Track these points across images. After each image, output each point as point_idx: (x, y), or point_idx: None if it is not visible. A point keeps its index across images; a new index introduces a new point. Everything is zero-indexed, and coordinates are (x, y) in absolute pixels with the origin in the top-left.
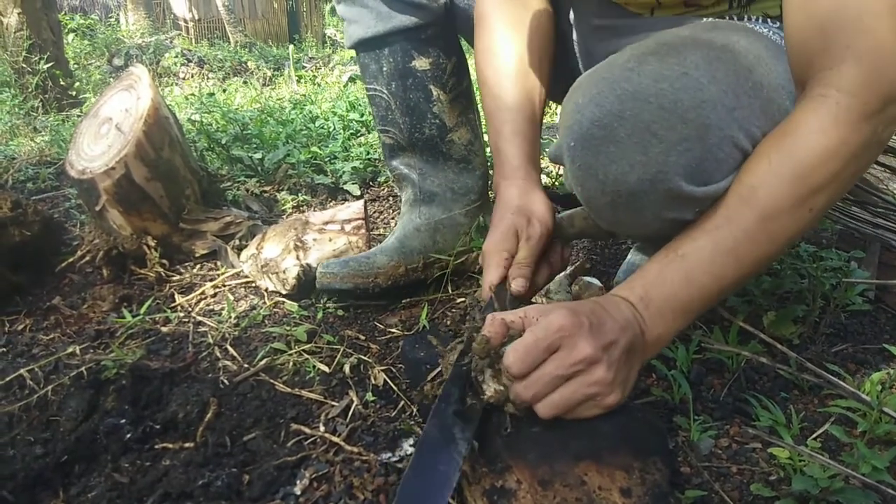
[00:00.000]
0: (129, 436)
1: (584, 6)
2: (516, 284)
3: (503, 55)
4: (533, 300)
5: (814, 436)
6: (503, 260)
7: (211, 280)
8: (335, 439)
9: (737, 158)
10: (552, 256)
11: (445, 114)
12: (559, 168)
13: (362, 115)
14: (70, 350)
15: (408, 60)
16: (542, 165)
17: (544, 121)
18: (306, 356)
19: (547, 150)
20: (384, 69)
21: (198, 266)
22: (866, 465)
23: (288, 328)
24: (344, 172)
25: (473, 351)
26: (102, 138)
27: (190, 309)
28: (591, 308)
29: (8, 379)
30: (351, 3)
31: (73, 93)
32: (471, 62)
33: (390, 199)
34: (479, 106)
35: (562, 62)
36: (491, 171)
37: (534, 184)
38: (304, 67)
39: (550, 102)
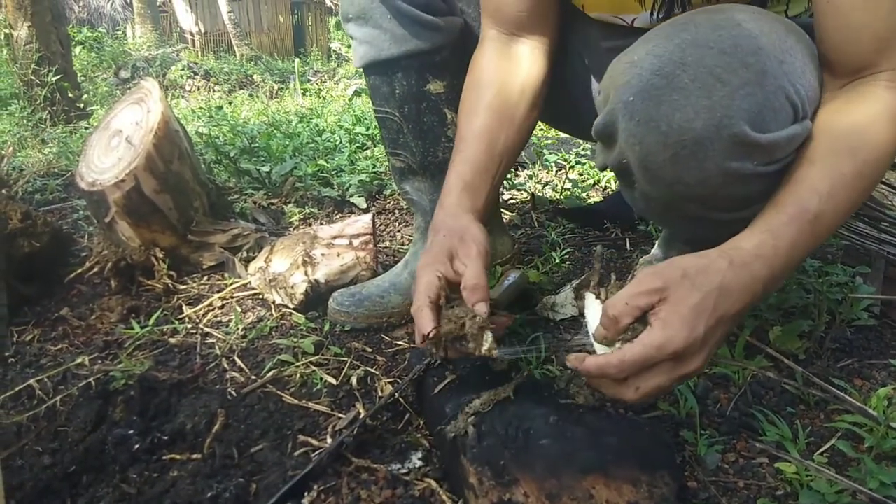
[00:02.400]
0: (136, 447)
1: (590, 31)
2: (480, 309)
3: (478, 98)
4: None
5: (820, 451)
6: (434, 287)
7: (218, 292)
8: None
9: (789, 112)
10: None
11: None
12: (564, 181)
13: (368, 129)
14: (78, 361)
15: (422, 84)
16: (547, 179)
17: (552, 134)
18: (313, 368)
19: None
20: (397, 92)
21: (205, 278)
22: (874, 481)
23: (295, 340)
24: (350, 185)
25: None
26: (113, 151)
27: (197, 320)
28: (716, 300)
29: (17, 389)
30: (362, 23)
31: (81, 105)
32: None
33: (396, 211)
34: None
35: (561, 88)
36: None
37: (464, 209)
38: (309, 81)
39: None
